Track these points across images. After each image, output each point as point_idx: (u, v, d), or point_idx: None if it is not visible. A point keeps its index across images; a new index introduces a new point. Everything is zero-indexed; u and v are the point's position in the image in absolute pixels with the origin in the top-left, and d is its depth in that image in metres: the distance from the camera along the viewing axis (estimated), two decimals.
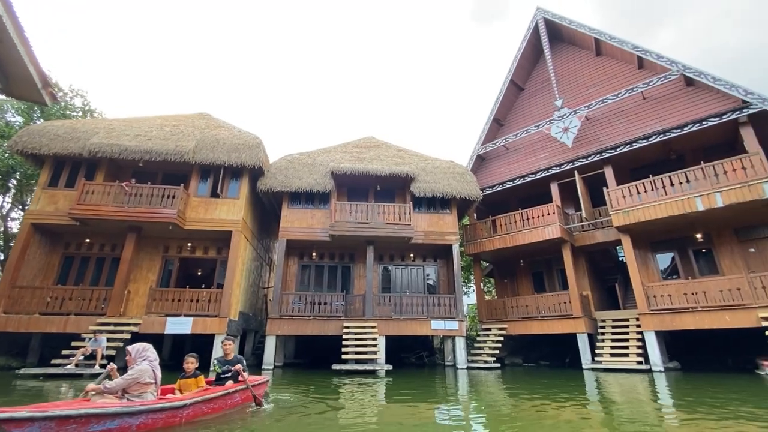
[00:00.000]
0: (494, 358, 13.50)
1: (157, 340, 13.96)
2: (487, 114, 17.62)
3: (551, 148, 15.48)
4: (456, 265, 14.28)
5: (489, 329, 14.66)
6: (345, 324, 12.60)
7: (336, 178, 14.28)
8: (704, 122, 11.71)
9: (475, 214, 17.82)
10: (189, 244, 13.99)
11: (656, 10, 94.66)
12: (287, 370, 12.45)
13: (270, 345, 12.45)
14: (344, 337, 12.14)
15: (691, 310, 10.82)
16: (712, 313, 10.44)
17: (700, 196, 11.03)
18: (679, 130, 12.14)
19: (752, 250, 11.71)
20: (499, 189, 16.41)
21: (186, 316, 12.03)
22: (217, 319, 11.97)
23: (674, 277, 12.93)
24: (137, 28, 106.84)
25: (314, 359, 15.10)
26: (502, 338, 14.15)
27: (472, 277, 24.26)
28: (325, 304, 13.10)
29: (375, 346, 12.09)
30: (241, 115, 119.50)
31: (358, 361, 11.63)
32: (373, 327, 12.58)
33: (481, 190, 16.44)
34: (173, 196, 12.43)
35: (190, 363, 4.88)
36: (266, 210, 16.37)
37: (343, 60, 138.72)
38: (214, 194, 13.49)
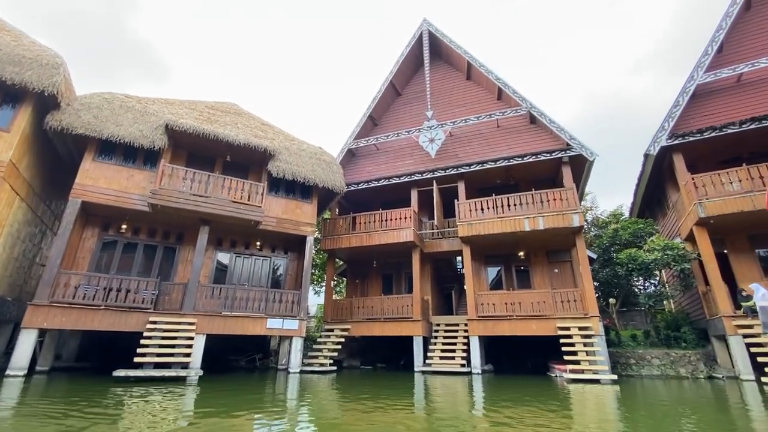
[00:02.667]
0: (331, 361, 12.66)
1: None
2: (364, 109, 17.16)
3: (417, 155, 15.87)
4: (307, 259, 13.05)
5: (332, 330, 13.83)
6: (152, 318, 9.91)
7: (172, 135, 11.43)
8: (539, 156, 13.49)
9: (337, 210, 17.04)
10: None
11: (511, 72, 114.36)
12: (56, 377, 9.06)
13: (26, 342, 8.82)
14: (146, 334, 9.49)
15: (508, 318, 12.05)
16: (524, 321, 11.81)
17: (527, 218, 12.51)
18: (520, 159, 13.72)
19: (556, 270, 13.93)
20: (364, 187, 16.00)
21: None
22: None
23: (499, 288, 14.48)
24: None
25: (109, 362, 11.56)
26: (343, 340, 13.47)
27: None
28: (129, 291, 10.12)
29: (189, 346, 9.82)
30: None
31: (159, 365, 9.16)
32: (190, 323, 10.24)
33: (348, 185, 15.77)
34: None
35: None
36: (62, 161, 12.13)
37: (233, 38, 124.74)
38: None
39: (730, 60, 12.17)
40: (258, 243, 13.59)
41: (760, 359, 9.02)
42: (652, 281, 16.74)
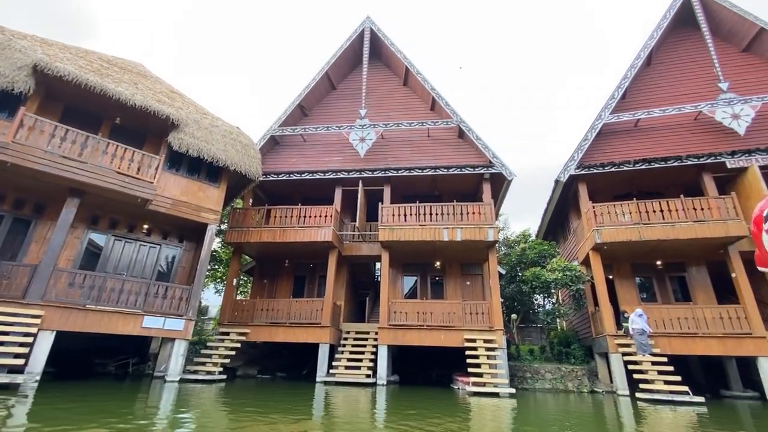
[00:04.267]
0: (221, 369, 11.12)
1: None
2: (294, 96, 16.00)
3: (345, 153, 15.18)
4: (205, 251, 11.42)
5: (227, 333, 12.25)
6: None
7: (44, 80, 9.17)
8: (463, 169, 13.71)
9: (251, 200, 15.50)
10: None
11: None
12: None
13: None
14: None
15: (418, 328, 11.79)
16: (434, 332, 11.64)
17: (447, 228, 12.51)
18: (445, 170, 13.81)
19: (468, 283, 14.18)
20: (285, 178, 14.77)
21: None
22: None
23: (414, 299, 14.27)
24: None
25: None
26: (239, 345, 11.98)
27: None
28: None
29: (27, 345, 7.71)
30: None
31: None
32: (34, 316, 8.09)
33: (266, 174, 14.44)
34: None
35: None
36: None
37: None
38: None
39: (631, 106, 13.68)
40: (146, 226, 11.56)
41: (635, 376, 9.89)
42: (550, 299, 18.10)
